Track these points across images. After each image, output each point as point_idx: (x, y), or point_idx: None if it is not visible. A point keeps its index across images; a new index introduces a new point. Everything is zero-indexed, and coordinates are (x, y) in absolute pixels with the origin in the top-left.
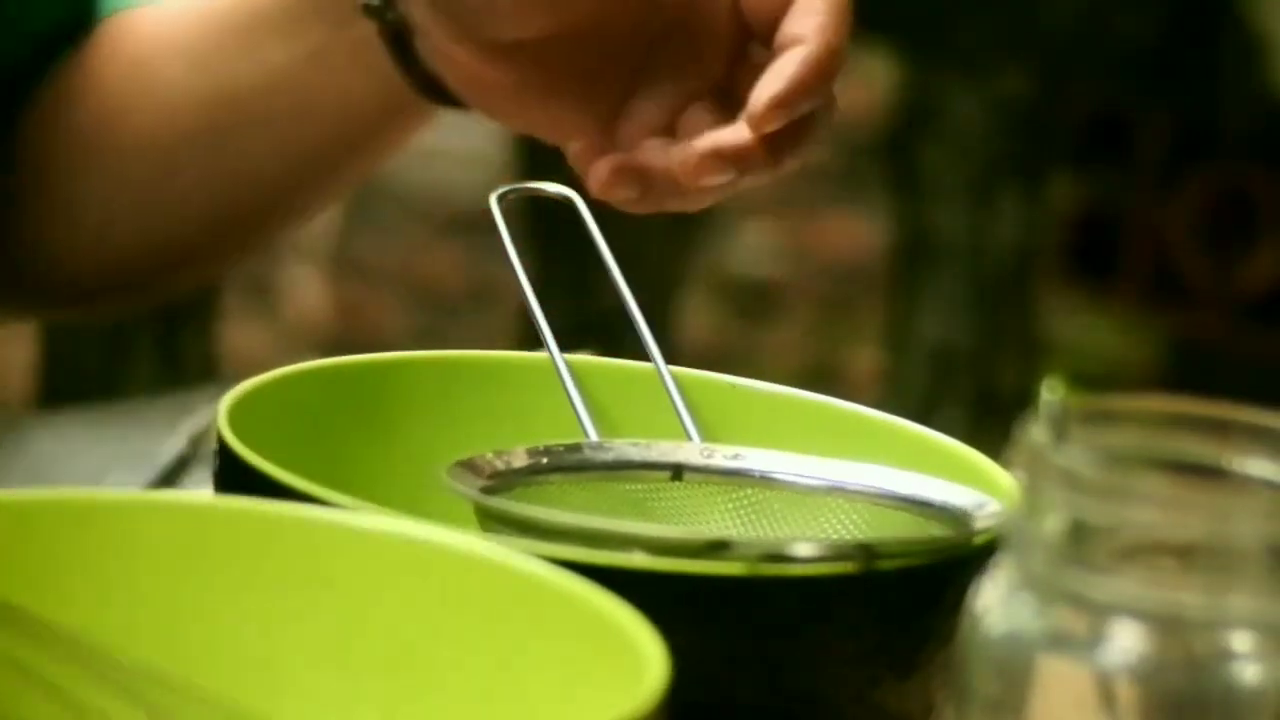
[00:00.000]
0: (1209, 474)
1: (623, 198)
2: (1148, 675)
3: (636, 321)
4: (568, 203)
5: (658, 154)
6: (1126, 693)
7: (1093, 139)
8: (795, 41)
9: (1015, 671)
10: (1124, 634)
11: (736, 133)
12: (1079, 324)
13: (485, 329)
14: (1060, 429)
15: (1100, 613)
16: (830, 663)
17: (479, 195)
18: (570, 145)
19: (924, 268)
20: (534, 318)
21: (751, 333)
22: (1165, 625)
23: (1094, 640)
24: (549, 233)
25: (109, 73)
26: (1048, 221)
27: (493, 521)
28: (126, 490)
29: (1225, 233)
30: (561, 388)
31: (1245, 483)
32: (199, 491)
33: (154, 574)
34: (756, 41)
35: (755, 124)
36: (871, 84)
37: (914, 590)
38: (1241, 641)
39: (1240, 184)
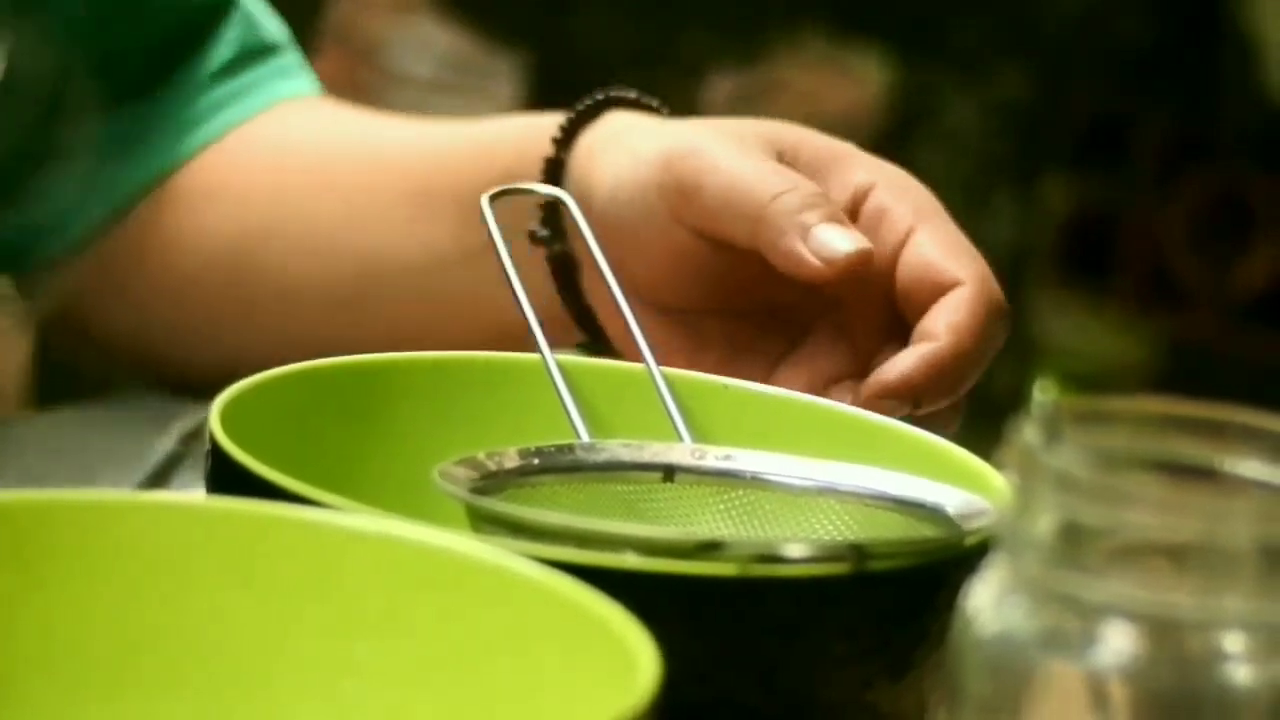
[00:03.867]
0: (1202, 475)
1: None
2: (1140, 676)
3: (629, 321)
4: (559, 203)
5: None
6: (1119, 694)
7: (1089, 141)
8: (927, 337)
9: (1008, 673)
10: (1116, 635)
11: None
12: (1073, 325)
13: None
14: (1053, 430)
15: (1093, 614)
16: (823, 664)
17: None
18: None
19: None
20: (526, 318)
21: None
22: (1158, 626)
23: (1086, 641)
24: None
25: (255, 192)
26: (1043, 223)
27: (484, 522)
28: (118, 491)
29: (1220, 235)
30: (553, 389)
31: (1239, 484)
32: (190, 492)
33: (145, 575)
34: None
35: (865, 404)
36: (866, 85)
37: (906, 591)
38: (1234, 643)
39: (1236, 186)
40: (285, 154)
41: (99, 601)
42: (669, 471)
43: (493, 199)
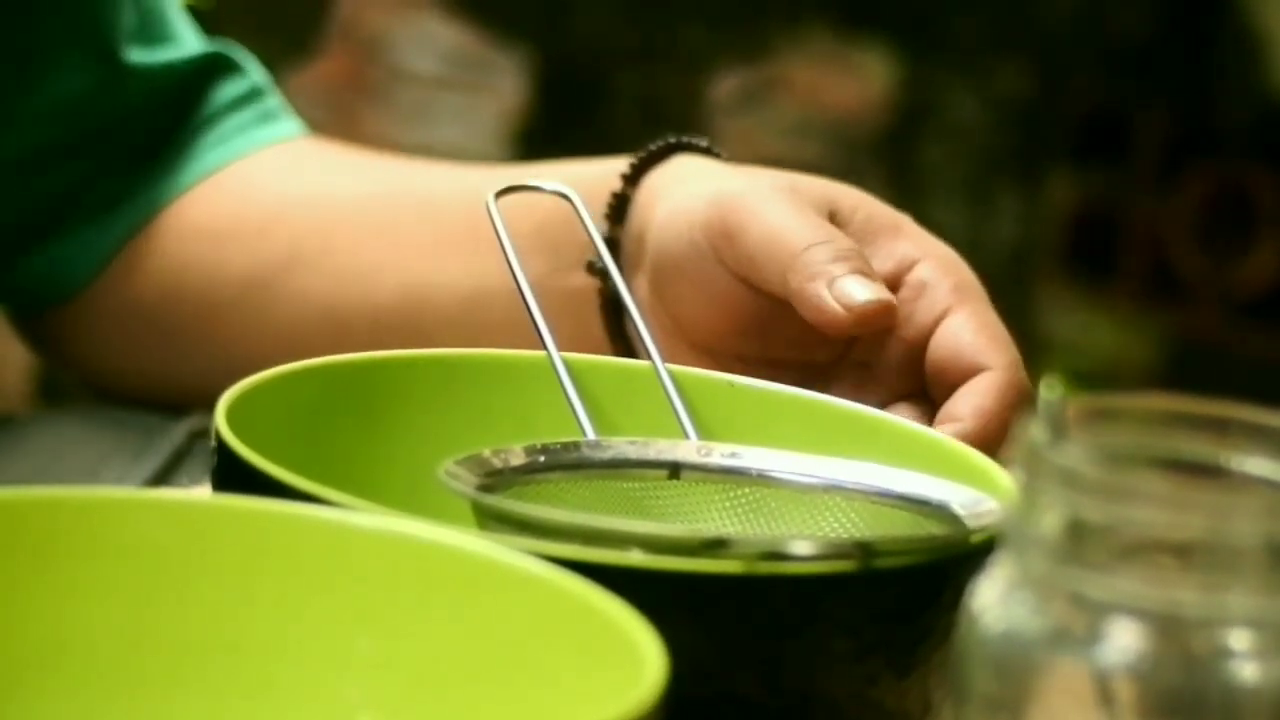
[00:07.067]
0: (1207, 472)
1: None
2: (1146, 673)
3: (635, 319)
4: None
5: None
6: (1125, 691)
7: (1091, 136)
8: (952, 419)
9: (1013, 670)
10: (1122, 632)
11: None
12: (1077, 322)
13: None
14: (1058, 427)
15: (1099, 611)
16: (828, 661)
17: None
18: None
19: None
20: (532, 315)
21: None
22: (1164, 624)
23: (1092, 638)
24: None
25: (277, 237)
26: (1046, 219)
27: (490, 520)
28: (123, 488)
29: (1223, 230)
30: (559, 386)
31: (1243, 481)
32: (196, 489)
33: (150, 572)
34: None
35: None
36: (869, 81)
37: (912, 589)
38: (1240, 640)
39: (1238, 181)
40: (289, 192)
41: (104, 598)
42: (675, 469)
43: (497, 195)
